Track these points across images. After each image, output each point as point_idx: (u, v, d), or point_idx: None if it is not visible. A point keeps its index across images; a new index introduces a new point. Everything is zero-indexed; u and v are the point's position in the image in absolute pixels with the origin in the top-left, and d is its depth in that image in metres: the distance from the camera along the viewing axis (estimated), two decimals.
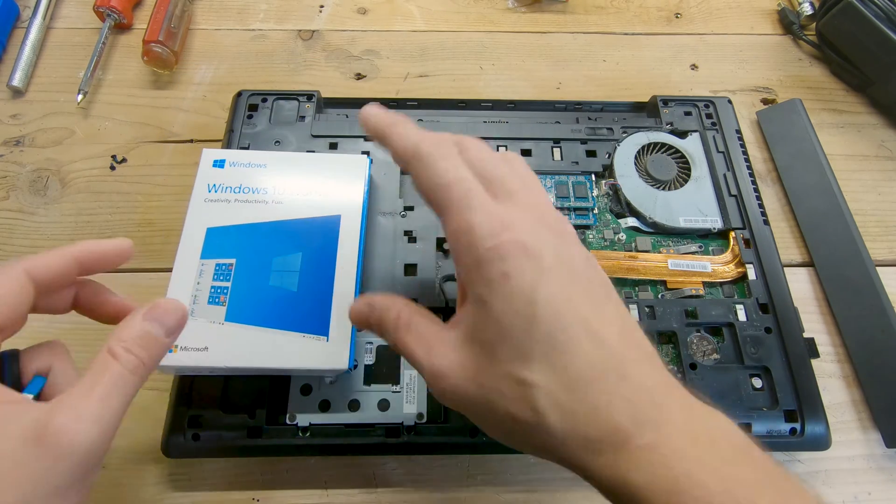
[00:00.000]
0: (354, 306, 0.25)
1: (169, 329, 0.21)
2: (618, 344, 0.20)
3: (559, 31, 0.50)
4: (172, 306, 0.22)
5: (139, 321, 0.21)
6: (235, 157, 0.35)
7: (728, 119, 0.41)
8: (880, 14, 0.43)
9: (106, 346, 0.20)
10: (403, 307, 0.24)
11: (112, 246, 0.24)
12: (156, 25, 0.44)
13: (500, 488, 0.32)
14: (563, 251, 0.21)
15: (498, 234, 0.20)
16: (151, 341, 0.21)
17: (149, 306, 0.21)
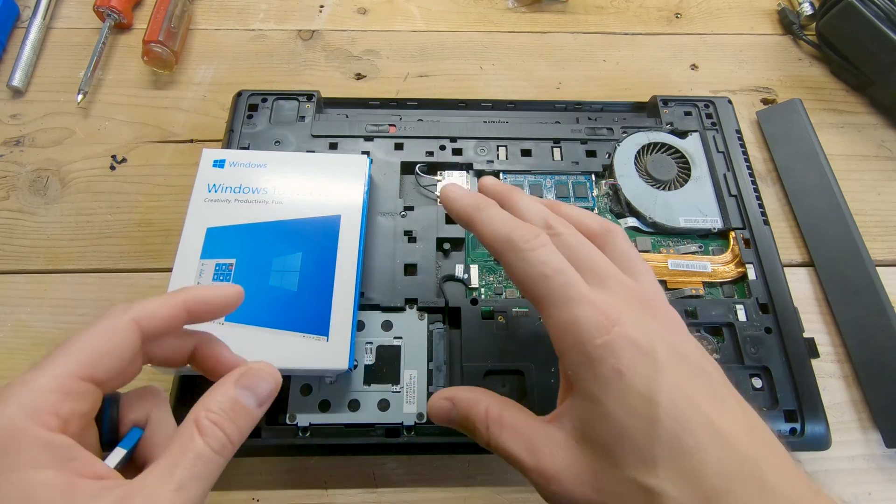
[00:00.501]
0: (434, 403, 0.24)
1: (261, 399, 0.20)
2: (748, 445, 0.19)
3: (559, 31, 0.50)
4: (267, 372, 0.20)
5: (231, 388, 0.19)
6: (235, 157, 0.35)
7: (728, 119, 0.41)
8: (880, 14, 0.43)
9: (192, 414, 0.18)
10: (491, 400, 0.23)
11: (222, 294, 0.22)
12: (156, 25, 0.44)
13: (500, 488, 0.32)
14: (674, 343, 0.20)
15: (606, 329, 0.20)
16: (242, 413, 0.19)
17: (241, 371, 0.20)
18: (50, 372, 0.17)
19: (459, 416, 0.23)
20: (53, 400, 0.16)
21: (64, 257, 0.38)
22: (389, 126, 0.40)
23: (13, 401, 0.16)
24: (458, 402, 0.23)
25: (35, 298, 0.37)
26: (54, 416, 0.16)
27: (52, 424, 0.16)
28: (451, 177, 0.39)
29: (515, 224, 0.23)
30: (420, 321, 0.33)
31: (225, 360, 0.22)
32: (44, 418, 0.16)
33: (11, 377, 0.35)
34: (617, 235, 0.24)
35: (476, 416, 0.22)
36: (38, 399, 0.16)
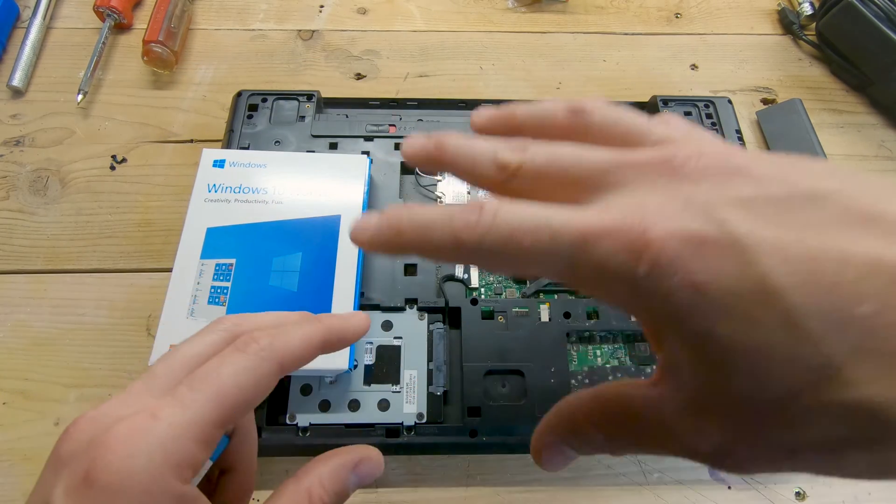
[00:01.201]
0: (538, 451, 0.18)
1: (359, 487, 0.19)
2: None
3: (559, 31, 0.50)
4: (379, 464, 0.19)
5: (347, 470, 0.18)
6: (235, 157, 0.35)
7: (728, 119, 0.41)
8: (880, 14, 0.43)
9: (306, 481, 0.18)
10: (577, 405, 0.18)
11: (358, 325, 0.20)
12: (156, 25, 0.44)
13: (500, 488, 0.32)
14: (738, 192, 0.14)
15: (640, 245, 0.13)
16: (343, 497, 0.18)
17: (363, 455, 0.19)
18: (194, 417, 0.15)
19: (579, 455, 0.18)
20: (195, 451, 0.15)
21: (64, 257, 0.38)
22: (389, 126, 0.40)
23: (161, 447, 0.15)
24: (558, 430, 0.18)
25: (35, 298, 0.37)
26: (191, 468, 0.15)
27: (188, 477, 0.15)
28: (451, 177, 0.39)
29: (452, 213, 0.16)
30: (420, 321, 0.33)
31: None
32: (183, 472, 0.15)
33: (11, 377, 0.35)
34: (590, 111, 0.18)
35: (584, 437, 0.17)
36: (183, 451, 0.15)
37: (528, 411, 0.31)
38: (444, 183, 0.38)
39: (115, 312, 0.36)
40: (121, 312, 0.37)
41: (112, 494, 0.14)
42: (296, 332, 0.18)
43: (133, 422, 0.15)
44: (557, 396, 0.32)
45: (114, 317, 0.36)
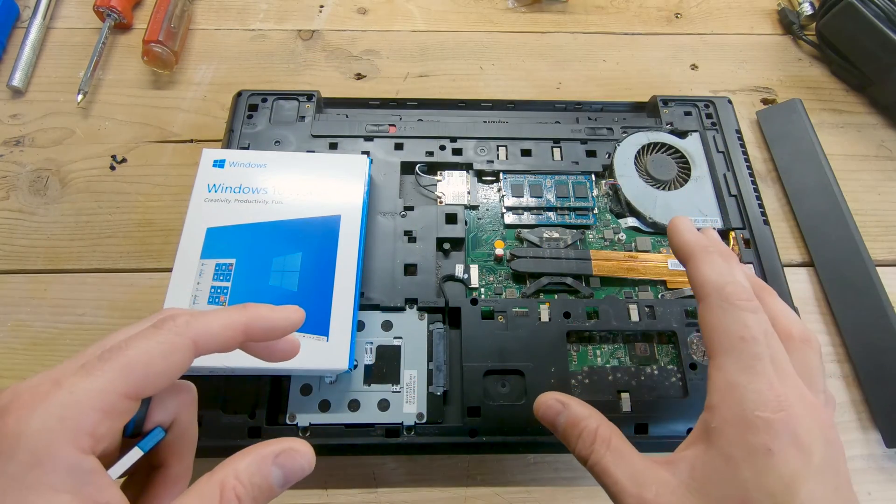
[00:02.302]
0: (546, 401, 0.24)
1: (288, 481, 0.18)
2: None
3: (559, 31, 0.50)
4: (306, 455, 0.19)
5: (268, 463, 0.18)
6: (235, 157, 0.35)
7: (728, 119, 0.41)
8: (880, 14, 0.43)
9: (220, 474, 0.17)
10: (605, 422, 0.23)
11: (285, 318, 0.20)
12: (156, 25, 0.44)
13: (500, 488, 0.32)
14: (832, 456, 0.20)
15: (773, 408, 0.19)
16: (266, 493, 0.18)
17: (283, 447, 0.18)
18: (98, 385, 0.16)
19: (567, 421, 0.23)
20: (95, 419, 0.15)
21: (64, 257, 0.38)
22: (389, 126, 0.40)
23: (56, 412, 0.15)
24: (570, 409, 0.23)
25: (35, 298, 0.37)
26: (90, 436, 0.15)
27: (85, 446, 0.15)
28: (451, 177, 0.39)
29: (734, 278, 0.22)
30: (420, 321, 0.33)
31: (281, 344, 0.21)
32: (80, 439, 0.15)
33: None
34: (813, 348, 0.23)
35: (585, 429, 0.23)
36: (81, 417, 0.15)
37: (528, 411, 0.31)
38: (443, 183, 0.38)
39: (115, 312, 0.36)
40: (121, 312, 0.37)
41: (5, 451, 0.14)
42: (217, 315, 0.19)
43: (36, 389, 0.15)
44: None
45: (114, 317, 0.36)
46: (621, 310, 0.34)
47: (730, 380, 0.20)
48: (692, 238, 0.24)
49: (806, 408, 0.20)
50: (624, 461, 0.21)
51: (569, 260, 0.36)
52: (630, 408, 0.31)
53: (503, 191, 0.38)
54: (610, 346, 0.34)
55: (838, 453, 0.20)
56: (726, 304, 0.22)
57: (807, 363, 0.23)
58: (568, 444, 0.23)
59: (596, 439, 0.22)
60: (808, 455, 0.19)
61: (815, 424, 0.20)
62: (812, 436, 0.20)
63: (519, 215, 0.38)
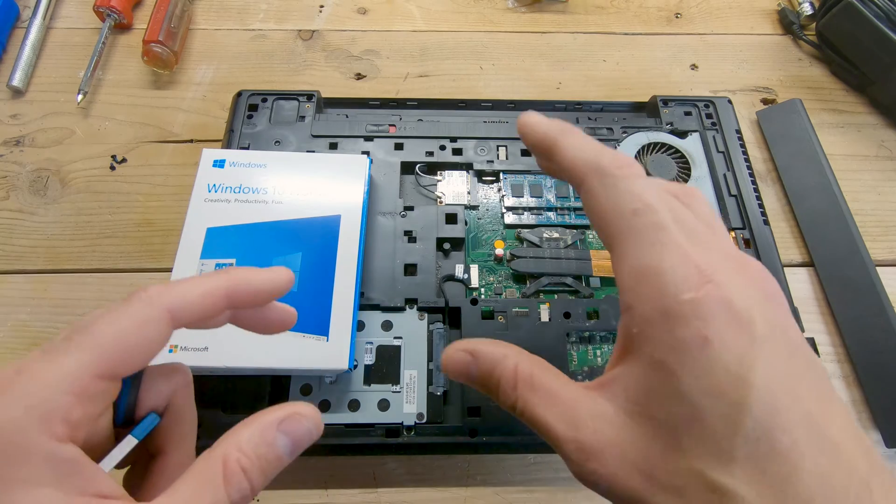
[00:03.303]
0: (451, 355, 0.20)
1: (297, 448, 0.17)
2: (858, 459, 0.15)
3: (559, 31, 0.50)
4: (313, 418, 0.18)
5: (272, 430, 0.16)
6: (235, 157, 0.35)
7: (728, 119, 0.41)
8: (880, 14, 0.43)
9: (222, 447, 0.16)
10: (522, 357, 0.19)
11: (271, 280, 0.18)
12: (156, 25, 0.44)
13: (500, 488, 0.32)
14: (777, 318, 0.17)
15: (697, 284, 0.16)
16: (273, 462, 0.16)
17: (287, 412, 0.17)
18: (66, 367, 0.15)
19: (480, 372, 0.20)
20: (67, 403, 0.14)
21: (64, 257, 0.38)
22: (389, 126, 0.40)
23: (20, 400, 0.14)
24: (480, 355, 0.20)
25: (35, 298, 0.37)
26: (64, 422, 0.14)
27: (60, 433, 0.14)
28: (451, 177, 0.39)
29: (607, 149, 0.19)
30: (420, 321, 0.33)
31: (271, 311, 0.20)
32: (53, 426, 0.14)
33: None
34: (699, 198, 0.20)
35: (502, 374, 0.19)
36: (50, 402, 0.14)
37: None
38: (443, 183, 0.38)
39: None
40: None
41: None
42: (195, 282, 0.17)
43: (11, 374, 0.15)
44: None
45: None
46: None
47: (636, 266, 0.17)
48: (548, 124, 0.21)
49: (733, 267, 0.17)
50: (552, 400, 0.18)
51: (569, 260, 0.36)
52: None
53: (503, 191, 0.38)
54: (610, 347, 0.34)
55: (778, 306, 0.17)
56: (607, 179, 0.18)
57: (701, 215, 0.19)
58: (492, 397, 0.20)
59: (517, 382, 0.19)
60: (749, 327, 0.16)
61: (748, 283, 0.17)
62: (748, 299, 0.16)
63: (519, 215, 0.38)
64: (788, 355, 0.16)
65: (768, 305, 0.17)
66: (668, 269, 0.17)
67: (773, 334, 0.16)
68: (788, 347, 0.16)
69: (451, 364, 0.20)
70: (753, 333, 0.16)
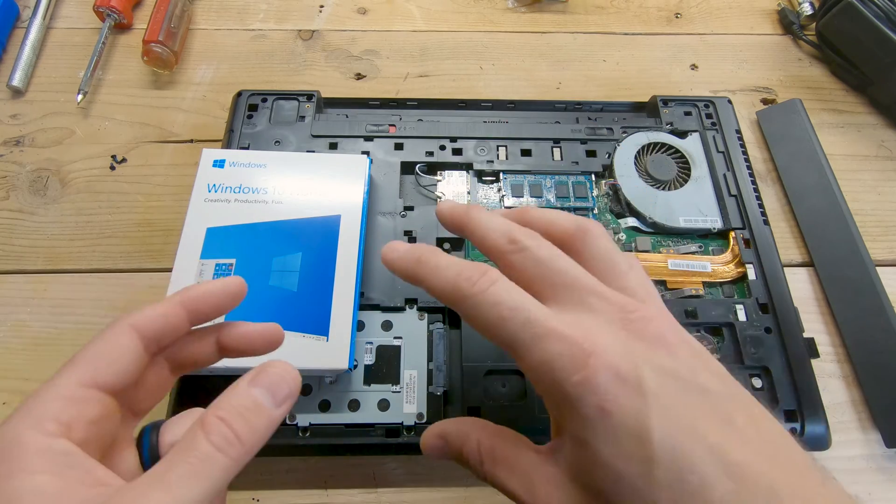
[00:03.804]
0: (426, 442, 0.23)
1: (279, 399, 0.18)
2: (762, 470, 0.17)
3: (559, 31, 0.50)
4: (283, 370, 0.18)
5: (244, 387, 0.18)
6: (235, 157, 0.35)
7: (728, 119, 0.41)
8: (880, 14, 0.43)
9: (201, 415, 0.17)
10: (482, 433, 0.21)
11: (221, 289, 0.21)
12: (156, 25, 0.44)
13: None
14: (663, 363, 0.18)
15: (582, 363, 0.18)
16: (255, 411, 0.17)
17: (257, 370, 0.18)
18: (54, 383, 0.17)
19: (452, 452, 0.22)
20: (56, 407, 0.16)
21: (64, 257, 0.38)
22: (389, 126, 0.40)
23: (17, 412, 0.16)
24: (448, 438, 0.22)
25: (35, 298, 0.37)
26: (54, 421, 0.16)
27: (52, 430, 0.16)
28: (451, 177, 0.39)
29: (461, 267, 0.20)
30: (420, 321, 0.33)
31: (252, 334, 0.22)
32: (44, 425, 0.16)
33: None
34: (593, 233, 0.22)
35: (468, 452, 0.21)
36: (40, 407, 0.16)
37: (528, 411, 0.31)
38: (443, 183, 0.38)
39: (115, 312, 0.36)
40: (121, 312, 0.36)
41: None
42: (156, 304, 0.20)
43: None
44: None
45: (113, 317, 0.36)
46: None
47: (530, 365, 0.19)
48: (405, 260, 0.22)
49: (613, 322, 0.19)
50: (512, 470, 0.20)
51: None
52: None
53: (503, 191, 0.38)
54: None
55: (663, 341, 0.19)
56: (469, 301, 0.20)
57: (596, 254, 0.21)
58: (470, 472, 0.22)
59: (482, 458, 0.21)
60: (638, 386, 0.17)
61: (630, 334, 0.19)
62: (632, 355, 0.18)
63: None
64: (682, 397, 0.18)
65: (654, 353, 0.18)
66: (554, 358, 0.18)
67: (663, 382, 0.18)
68: (681, 389, 0.18)
69: (428, 450, 0.23)
70: (643, 389, 0.17)
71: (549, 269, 0.20)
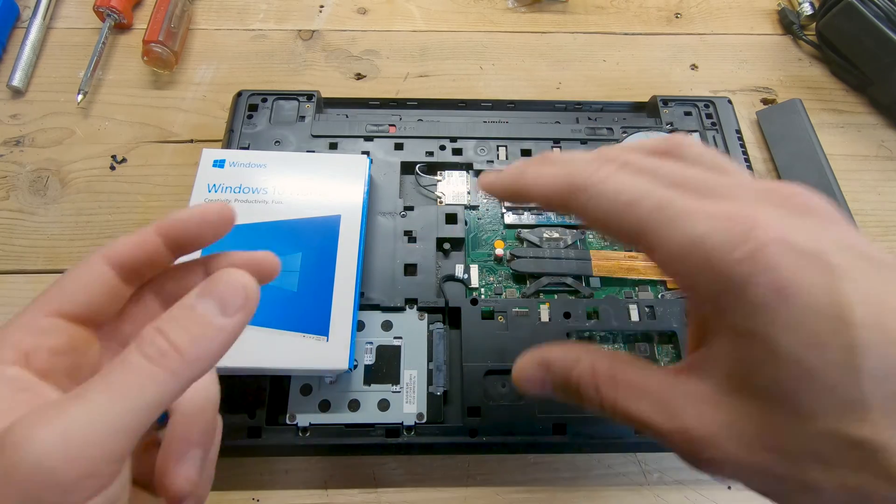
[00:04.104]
0: (523, 369, 0.19)
1: (227, 307, 0.16)
2: None
3: (559, 31, 0.50)
4: (236, 280, 0.16)
5: (188, 298, 0.16)
6: (235, 157, 0.35)
7: (728, 119, 0.41)
8: (880, 14, 0.43)
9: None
10: (596, 356, 0.18)
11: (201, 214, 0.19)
12: (156, 25, 0.44)
13: (500, 488, 0.32)
14: (840, 235, 0.15)
15: (743, 236, 0.14)
16: (197, 321, 0.15)
17: (205, 281, 0.16)
18: (21, 314, 0.17)
19: (556, 382, 0.19)
20: (15, 337, 0.16)
21: (64, 257, 0.38)
22: (389, 126, 0.40)
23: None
24: (553, 364, 0.19)
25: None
26: (12, 349, 0.16)
27: (7, 358, 0.16)
28: (451, 177, 0.39)
29: (571, 167, 0.18)
30: (420, 321, 0.33)
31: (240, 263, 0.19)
32: (2, 352, 0.16)
33: None
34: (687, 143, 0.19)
35: (580, 378, 0.18)
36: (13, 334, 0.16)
37: (528, 411, 0.31)
38: (443, 183, 0.38)
39: None
40: None
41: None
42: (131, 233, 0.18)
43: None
44: None
45: None
46: (621, 310, 0.34)
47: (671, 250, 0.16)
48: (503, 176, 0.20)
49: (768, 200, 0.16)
50: (640, 393, 0.17)
51: (569, 260, 0.36)
52: None
53: None
54: (610, 346, 0.34)
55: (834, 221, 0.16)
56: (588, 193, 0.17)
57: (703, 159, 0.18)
58: (577, 404, 0.18)
59: (598, 383, 0.18)
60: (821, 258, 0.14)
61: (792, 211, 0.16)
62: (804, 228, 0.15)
63: (519, 215, 0.38)
64: (872, 268, 0.14)
65: (825, 226, 0.15)
66: (703, 236, 0.15)
67: (849, 254, 0.14)
68: (875, 264, 0.14)
69: (524, 381, 0.19)
70: (829, 262, 0.14)
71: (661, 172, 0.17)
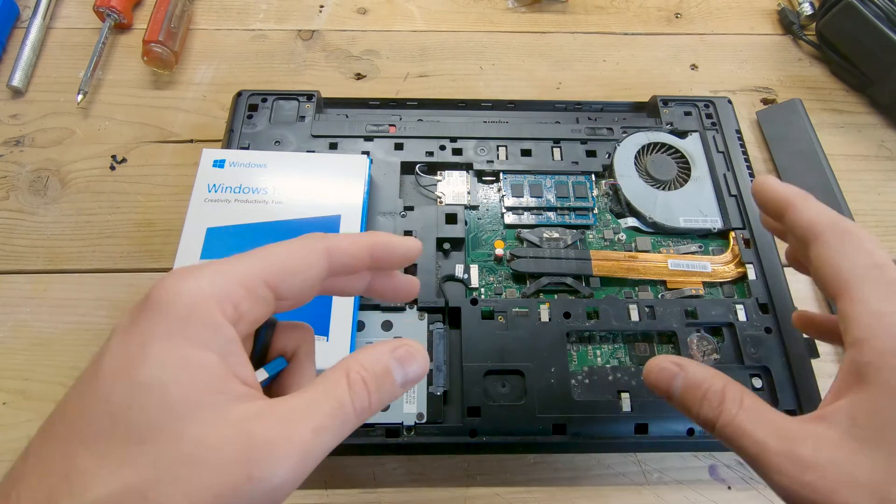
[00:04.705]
0: (658, 364, 0.22)
1: (407, 380, 0.18)
2: None
3: (559, 31, 0.50)
4: (421, 354, 0.18)
5: (386, 355, 0.18)
6: (235, 157, 0.35)
7: (728, 119, 0.41)
8: (880, 14, 0.43)
9: (344, 364, 0.17)
10: (731, 382, 0.20)
11: (406, 246, 0.21)
12: (156, 25, 0.44)
13: (500, 488, 0.32)
14: None
15: None
16: (387, 385, 0.17)
17: (399, 342, 0.18)
18: (242, 267, 0.17)
19: (686, 384, 0.21)
20: (239, 294, 0.16)
21: (64, 257, 0.38)
22: (389, 126, 0.40)
23: (206, 277, 0.16)
24: (689, 370, 0.21)
25: (35, 298, 0.37)
26: (234, 307, 0.16)
27: (230, 314, 0.16)
28: (451, 177, 0.39)
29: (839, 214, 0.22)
30: (420, 321, 0.33)
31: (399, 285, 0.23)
32: (226, 306, 0.16)
33: (12, 377, 0.35)
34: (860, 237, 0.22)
35: (710, 389, 0.20)
36: (228, 286, 0.16)
37: (528, 411, 0.31)
38: (443, 183, 0.38)
39: (115, 312, 0.36)
40: (121, 312, 0.36)
41: (162, 306, 0.15)
42: (345, 234, 0.20)
43: (188, 267, 0.17)
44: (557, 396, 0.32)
45: (114, 317, 0.36)
46: (621, 310, 0.34)
47: (877, 309, 0.19)
48: (787, 188, 0.23)
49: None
50: (762, 418, 0.19)
51: (569, 260, 0.36)
52: (630, 408, 0.31)
53: (503, 191, 0.38)
54: (610, 346, 0.34)
55: None
56: (847, 237, 0.21)
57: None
58: (688, 411, 0.21)
59: (724, 399, 0.20)
60: None
61: None
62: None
63: (519, 215, 0.38)
64: None
65: None
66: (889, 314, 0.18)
67: None
68: None
69: (655, 373, 0.22)
70: None
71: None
